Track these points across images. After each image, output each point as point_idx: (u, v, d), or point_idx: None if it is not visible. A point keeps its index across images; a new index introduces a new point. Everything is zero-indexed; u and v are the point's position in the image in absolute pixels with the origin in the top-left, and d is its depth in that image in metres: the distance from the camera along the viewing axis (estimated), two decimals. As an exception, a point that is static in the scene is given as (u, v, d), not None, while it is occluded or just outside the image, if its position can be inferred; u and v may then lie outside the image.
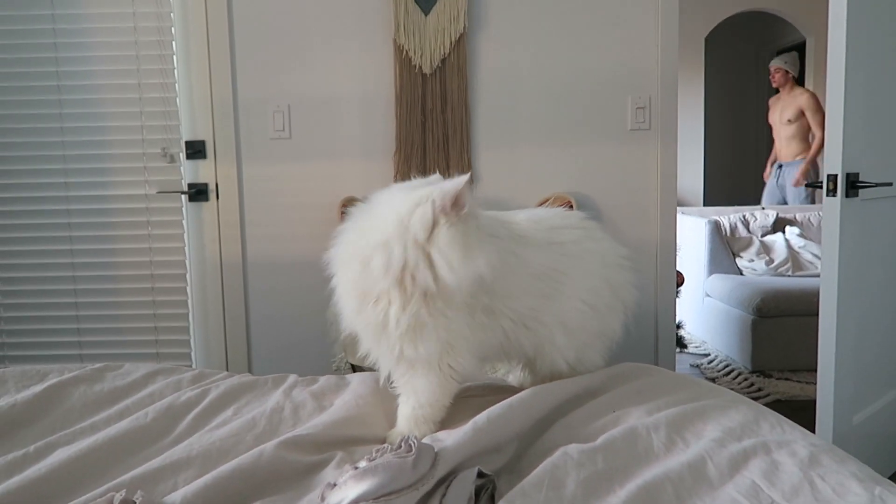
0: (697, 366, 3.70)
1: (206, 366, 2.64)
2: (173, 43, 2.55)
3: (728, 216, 4.32)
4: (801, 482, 0.94)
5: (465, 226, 1.16)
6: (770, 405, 2.86)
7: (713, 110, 6.01)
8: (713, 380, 3.40)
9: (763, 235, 4.26)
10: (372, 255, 1.17)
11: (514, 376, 1.57)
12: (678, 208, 2.69)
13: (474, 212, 1.20)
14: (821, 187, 2.03)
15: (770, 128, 5.13)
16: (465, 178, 1.15)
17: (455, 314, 1.21)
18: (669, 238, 2.63)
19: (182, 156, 2.59)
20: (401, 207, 1.17)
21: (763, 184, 5.19)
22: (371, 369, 1.37)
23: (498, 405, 1.16)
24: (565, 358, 1.34)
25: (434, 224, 1.14)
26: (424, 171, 2.57)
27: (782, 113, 4.93)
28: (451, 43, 2.51)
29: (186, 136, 2.59)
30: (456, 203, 1.14)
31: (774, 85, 5.00)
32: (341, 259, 1.27)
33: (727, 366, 3.65)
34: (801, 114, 4.83)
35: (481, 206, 2.53)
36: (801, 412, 2.70)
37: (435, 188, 1.16)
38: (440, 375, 1.24)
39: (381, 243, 1.16)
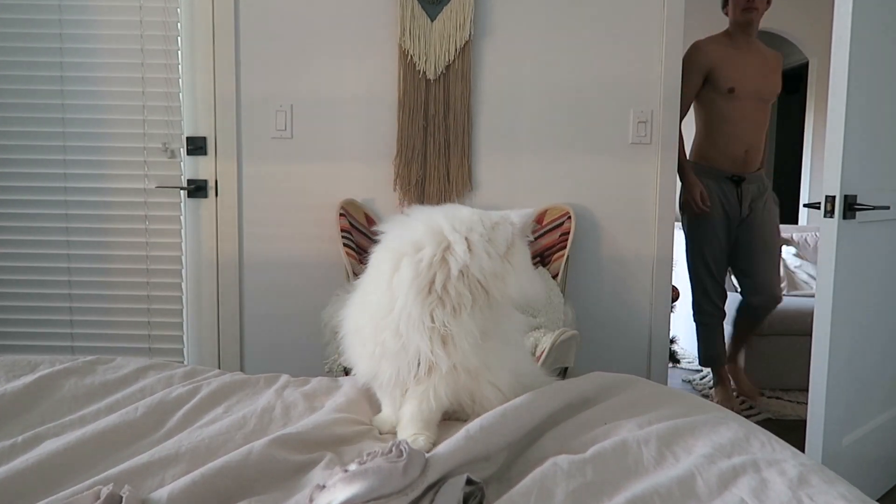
0: (689, 381, 3.70)
1: (198, 363, 2.63)
2: (178, 38, 2.56)
3: (725, 233, 4.31)
4: (790, 501, 0.94)
5: (527, 250, 1.26)
6: (760, 423, 2.86)
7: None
8: (705, 396, 3.40)
9: (759, 254, 4.26)
10: (453, 242, 1.20)
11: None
12: (676, 223, 2.70)
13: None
14: (818, 207, 2.04)
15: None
16: (533, 211, 1.26)
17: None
18: (666, 252, 2.64)
19: (183, 151, 2.59)
20: (476, 220, 1.23)
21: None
22: None
23: (491, 414, 1.16)
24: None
25: (511, 244, 1.22)
26: (424, 177, 2.57)
27: (760, 77, 3.01)
28: (456, 50, 2.52)
29: (188, 131, 2.59)
30: (526, 230, 1.25)
31: (741, 16, 2.98)
32: (397, 253, 1.24)
33: (719, 382, 3.65)
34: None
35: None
36: (792, 432, 2.70)
37: (512, 213, 1.25)
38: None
39: (462, 237, 1.20)
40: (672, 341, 3.82)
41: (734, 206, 3.07)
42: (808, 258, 4.20)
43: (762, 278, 3.12)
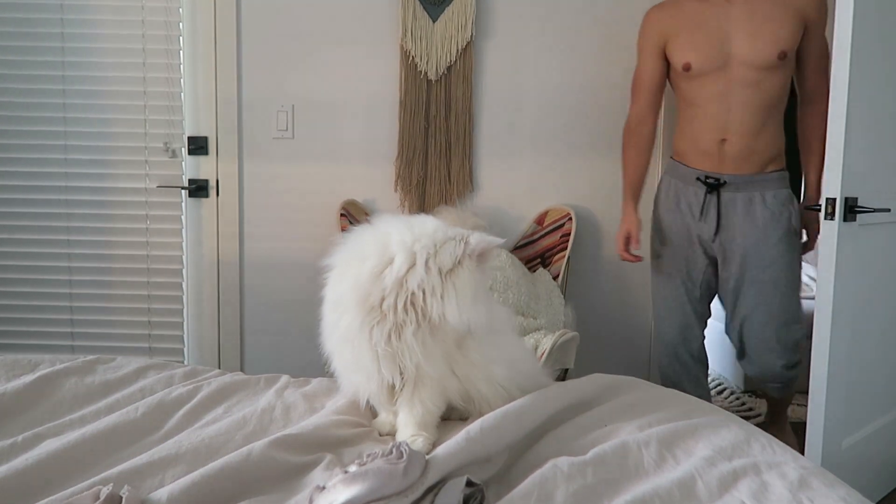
0: (689, 383, 3.69)
1: (198, 363, 2.63)
2: (180, 38, 2.56)
3: (726, 235, 4.31)
4: (790, 504, 0.94)
5: (480, 276, 1.21)
6: (761, 426, 2.86)
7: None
8: (705, 398, 3.40)
9: (760, 255, 4.25)
10: (395, 254, 1.17)
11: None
12: (677, 225, 2.69)
13: (488, 268, 1.26)
14: (818, 209, 2.04)
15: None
16: (500, 241, 1.22)
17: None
18: (667, 254, 2.63)
19: (184, 151, 2.59)
20: (429, 233, 1.20)
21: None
22: None
23: (491, 415, 1.16)
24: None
25: (458, 263, 1.18)
26: (426, 178, 2.57)
27: (743, 36, 2.06)
28: (457, 50, 2.52)
29: (189, 131, 2.59)
30: (483, 256, 1.20)
31: None
32: (347, 259, 1.24)
33: (719, 384, 3.64)
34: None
35: (480, 215, 2.52)
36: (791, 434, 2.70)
37: (473, 234, 1.21)
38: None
39: (407, 248, 1.17)
40: (672, 343, 3.80)
41: (698, 219, 2.16)
42: (809, 260, 4.19)
43: (746, 336, 2.17)
